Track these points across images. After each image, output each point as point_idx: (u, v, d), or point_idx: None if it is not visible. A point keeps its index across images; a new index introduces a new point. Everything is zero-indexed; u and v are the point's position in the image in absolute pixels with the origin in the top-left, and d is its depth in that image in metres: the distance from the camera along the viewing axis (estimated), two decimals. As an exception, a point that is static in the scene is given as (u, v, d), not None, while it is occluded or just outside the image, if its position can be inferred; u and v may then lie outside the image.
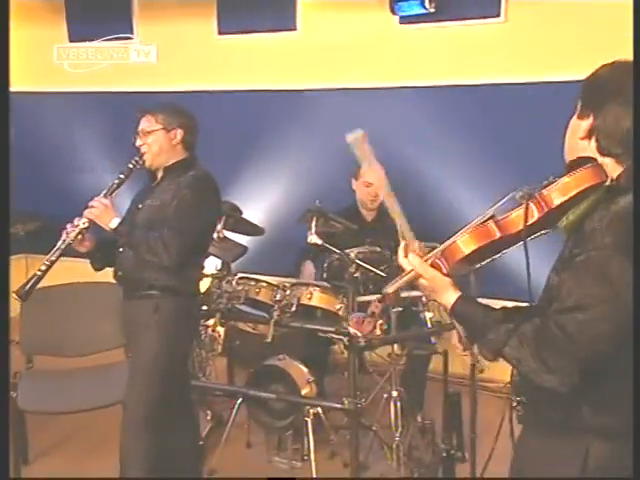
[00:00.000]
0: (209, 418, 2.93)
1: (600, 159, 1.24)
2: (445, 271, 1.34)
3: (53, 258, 2.04)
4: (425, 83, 3.39)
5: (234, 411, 2.73)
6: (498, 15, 3.26)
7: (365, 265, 2.52)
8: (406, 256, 1.35)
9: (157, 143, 2.17)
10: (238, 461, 2.76)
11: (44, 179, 4.22)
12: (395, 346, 2.72)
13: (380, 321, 2.28)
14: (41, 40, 4.22)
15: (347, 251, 2.54)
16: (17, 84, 4.00)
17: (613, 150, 1.26)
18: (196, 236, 2.12)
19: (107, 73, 4.07)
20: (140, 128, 2.21)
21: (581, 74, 1.24)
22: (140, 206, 2.24)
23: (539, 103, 3.12)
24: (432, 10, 3.18)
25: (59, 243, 2.07)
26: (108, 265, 2.24)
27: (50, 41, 4.16)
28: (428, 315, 2.74)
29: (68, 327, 2.31)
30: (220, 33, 3.80)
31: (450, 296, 1.36)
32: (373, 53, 3.47)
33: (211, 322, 2.85)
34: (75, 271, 2.56)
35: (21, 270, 3.55)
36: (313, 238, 2.57)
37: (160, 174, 2.25)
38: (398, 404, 2.65)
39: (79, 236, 2.07)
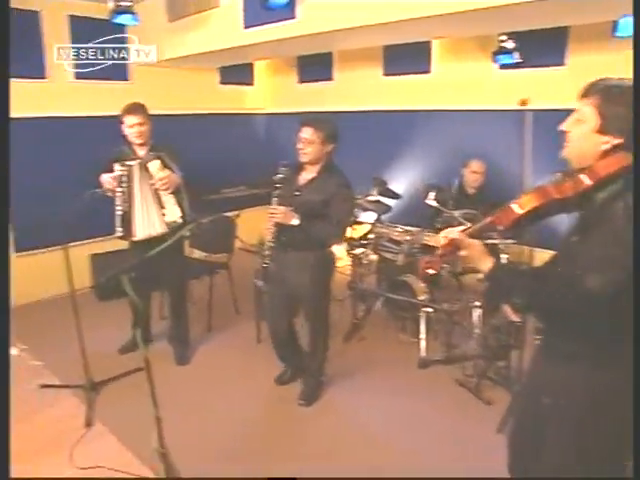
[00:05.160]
0: (363, 308, 4.12)
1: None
2: (502, 228, 1.49)
3: (268, 252, 2.80)
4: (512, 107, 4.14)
5: (377, 305, 4.03)
6: (563, 64, 4.20)
7: (464, 222, 3.43)
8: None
9: (314, 151, 2.71)
10: (378, 334, 3.98)
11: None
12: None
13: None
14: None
15: (453, 211, 3.62)
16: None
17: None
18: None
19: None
20: (303, 136, 2.69)
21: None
22: (297, 193, 2.77)
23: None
24: (520, 60, 4.15)
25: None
26: None
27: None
28: (505, 256, 3.65)
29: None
30: (385, 75, 5.12)
31: (486, 263, 1.48)
32: (481, 87, 4.55)
33: (368, 252, 4.12)
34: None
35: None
36: (431, 202, 3.63)
37: (312, 175, 2.78)
38: (479, 310, 3.56)
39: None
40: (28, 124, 4.42)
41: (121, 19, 4.12)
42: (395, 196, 4.39)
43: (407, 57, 4.82)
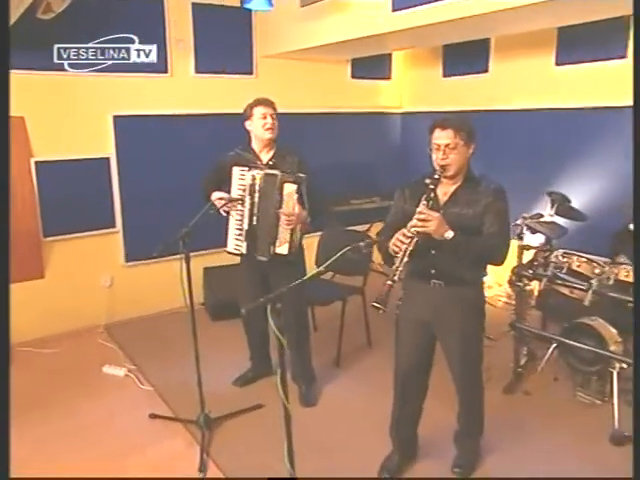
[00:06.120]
0: (525, 353, 3.40)
1: None
2: None
3: (401, 268, 2.06)
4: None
5: (549, 352, 3.23)
6: None
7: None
8: None
9: (459, 157, 2.16)
10: (548, 389, 3.23)
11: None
12: None
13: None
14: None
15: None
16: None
17: None
18: None
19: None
20: (444, 142, 2.14)
21: None
22: (442, 211, 2.17)
23: None
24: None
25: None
26: None
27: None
28: None
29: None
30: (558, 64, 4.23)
31: None
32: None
33: (533, 284, 3.33)
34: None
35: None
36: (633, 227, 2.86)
37: (455, 186, 2.22)
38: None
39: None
40: (149, 121, 4.19)
41: (254, 4, 3.72)
42: (580, 217, 3.57)
43: (591, 40, 3.87)
